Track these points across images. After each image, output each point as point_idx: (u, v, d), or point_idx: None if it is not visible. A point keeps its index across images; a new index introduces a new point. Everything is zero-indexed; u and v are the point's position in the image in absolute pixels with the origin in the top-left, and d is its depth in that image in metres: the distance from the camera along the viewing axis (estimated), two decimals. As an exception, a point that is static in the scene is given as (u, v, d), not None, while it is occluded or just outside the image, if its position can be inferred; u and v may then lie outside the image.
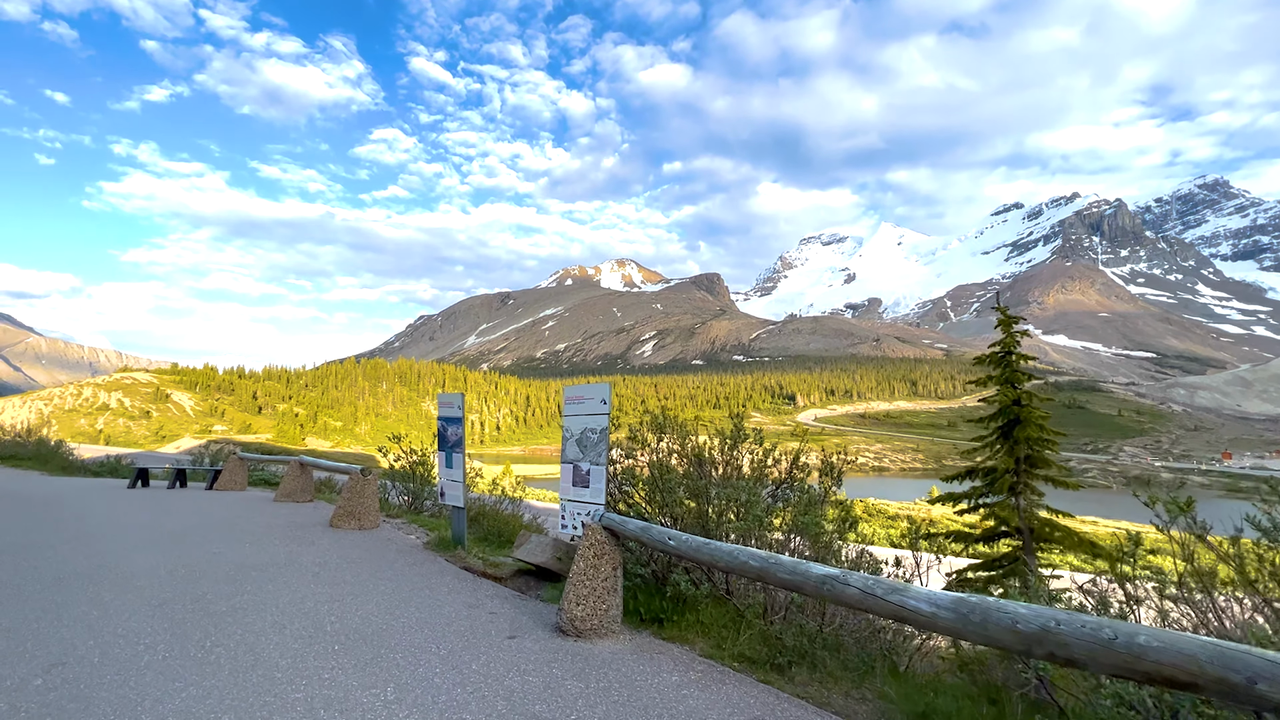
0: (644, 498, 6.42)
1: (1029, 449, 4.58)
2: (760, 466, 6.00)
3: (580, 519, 6.02)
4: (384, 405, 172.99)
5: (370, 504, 9.12)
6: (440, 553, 7.84)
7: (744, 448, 6.03)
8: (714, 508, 5.64)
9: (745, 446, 6.02)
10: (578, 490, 6.11)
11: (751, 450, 6.26)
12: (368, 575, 6.18)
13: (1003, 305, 6.42)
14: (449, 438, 8.29)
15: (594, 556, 4.59)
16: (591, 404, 6.09)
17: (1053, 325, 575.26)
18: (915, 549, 5.01)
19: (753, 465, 6.29)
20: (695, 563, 4.12)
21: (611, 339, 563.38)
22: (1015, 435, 4.56)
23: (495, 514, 11.43)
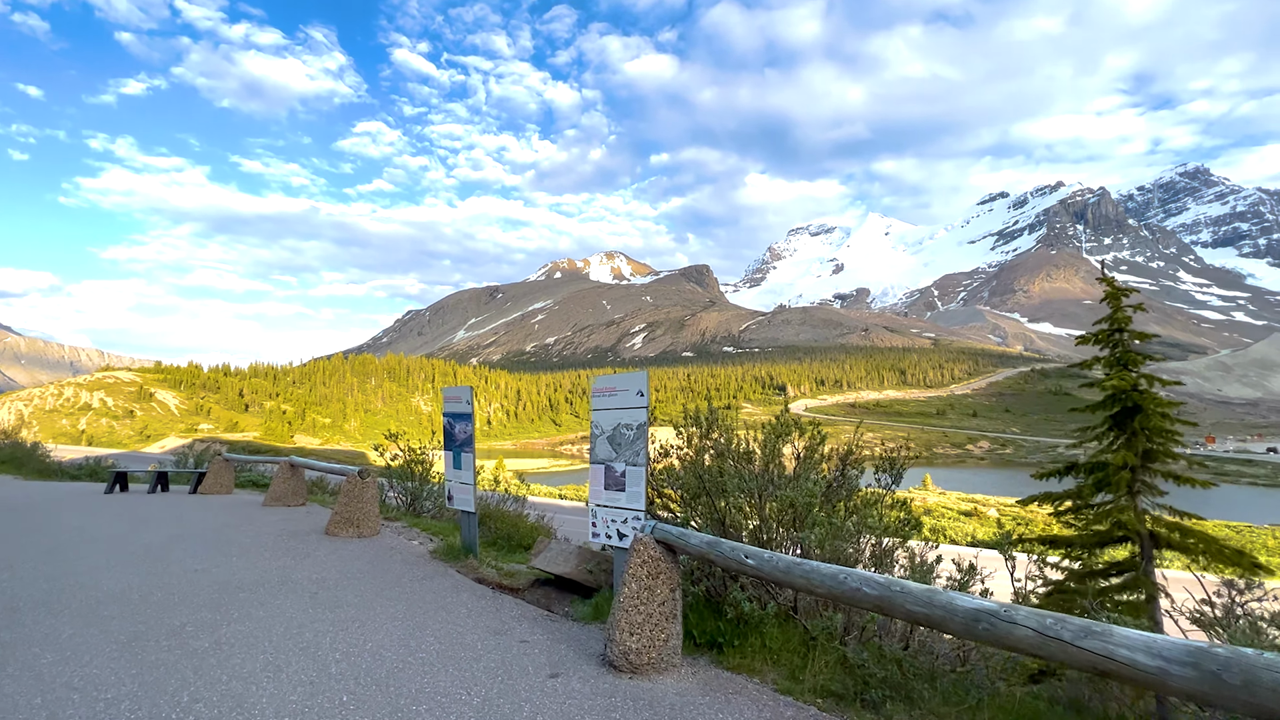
0: (680, 501, 5.72)
1: (1149, 442, 3.95)
2: (811, 461, 5.30)
3: (616, 527, 5.31)
4: (373, 401, 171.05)
5: (370, 509, 8.36)
6: (450, 562, 7.10)
7: (797, 440, 5.33)
8: (771, 513, 4.95)
9: (799, 440, 5.32)
10: (611, 494, 5.39)
11: (795, 443, 5.58)
12: (373, 594, 5.43)
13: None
14: (456, 435, 7.54)
15: (648, 577, 3.88)
16: (626, 395, 5.37)
17: (1038, 313, 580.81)
18: (1008, 555, 4.35)
19: (797, 460, 5.60)
20: (780, 586, 3.43)
21: (601, 332, 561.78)
22: (1134, 426, 3.91)
23: (501, 515, 10.70)
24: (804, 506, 4.75)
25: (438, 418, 48.38)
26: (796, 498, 4.68)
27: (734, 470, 4.91)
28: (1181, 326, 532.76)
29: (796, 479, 5.20)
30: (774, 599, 4.59)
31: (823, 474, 5.40)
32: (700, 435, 5.33)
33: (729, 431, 5.60)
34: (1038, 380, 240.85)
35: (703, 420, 5.41)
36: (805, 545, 4.37)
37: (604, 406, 5.58)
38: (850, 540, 4.63)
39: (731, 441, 5.13)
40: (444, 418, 7.69)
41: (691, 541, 3.79)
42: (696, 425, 5.45)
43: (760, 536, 4.91)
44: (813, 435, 5.26)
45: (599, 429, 5.61)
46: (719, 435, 5.21)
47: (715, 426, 5.33)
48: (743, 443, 5.35)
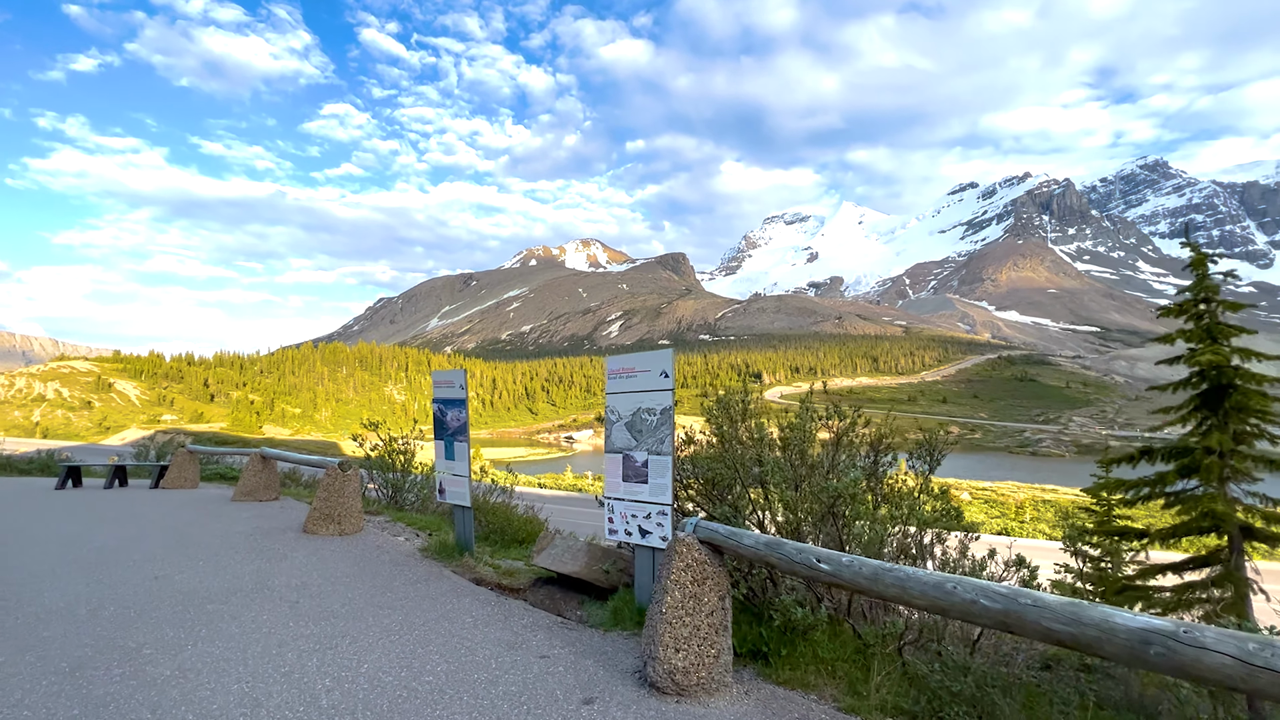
0: (700, 493, 5.21)
1: (1241, 423, 3.57)
2: (853, 446, 4.83)
3: (638, 524, 4.78)
4: (345, 391, 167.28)
5: (352, 504, 7.68)
6: (444, 562, 6.50)
7: (833, 425, 4.84)
8: (804, 505, 4.46)
9: (837, 425, 4.83)
10: (631, 487, 4.84)
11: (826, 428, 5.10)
12: (363, 602, 4.81)
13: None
14: (448, 423, 6.90)
15: (693, 583, 3.36)
16: (648, 377, 4.81)
17: (1005, 301, 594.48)
18: (1074, 549, 3.95)
19: (824, 447, 5.13)
20: (861, 595, 2.94)
21: (578, 320, 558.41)
22: (1226, 406, 3.52)
23: (491, 507, 10.10)
24: (848, 497, 4.27)
25: (412, 407, 48.00)
26: (842, 487, 4.19)
27: (772, 459, 4.39)
28: (1140, 314, 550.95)
29: (835, 467, 4.73)
30: (823, 601, 4.11)
31: (858, 461, 4.93)
32: (732, 421, 4.80)
33: (749, 415, 5.09)
34: (1004, 367, 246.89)
35: (734, 405, 4.88)
36: (845, 539, 3.88)
37: (621, 390, 5.02)
38: (893, 529, 4.17)
39: (764, 427, 4.61)
40: (434, 404, 7.03)
41: (745, 542, 3.26)
42: (725, 411, 4.91)
43: (798, 530, 4.42)
44: (850, 419, 4.77)
45: (615, 414, 5.05)
46: (752, 421, 4.68)
47: (748, 413, 4.81)
48: (771, 428, 4.85)
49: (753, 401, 5.21)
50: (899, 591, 2.62)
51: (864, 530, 3.93)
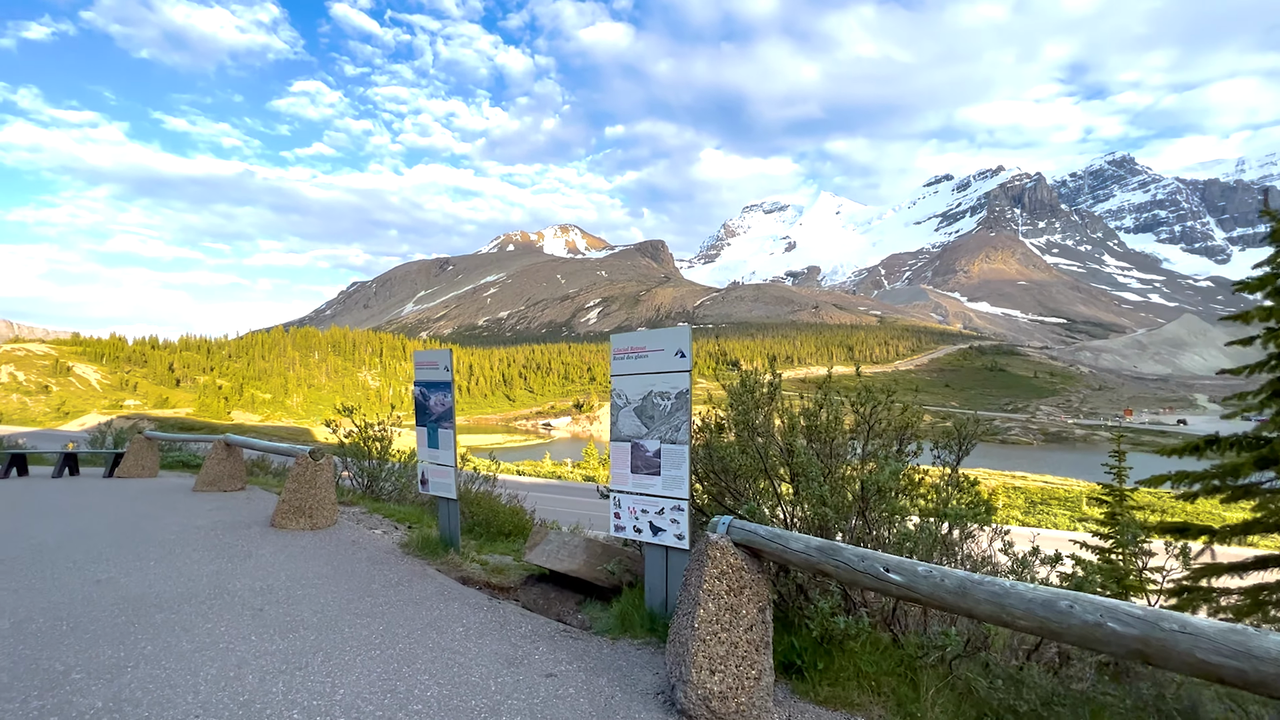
0: (725, 488, 4.74)
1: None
2: (886, 433, 4.40)
3: (649, 520, 4.29)
4: (317, 376, 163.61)
5: (324, 495, 7.06)
6: (427, 558, 5.96)
7: (865, 412, 4.40)
8: (835, 501, 4.02)
9: (867, 411, 4.39)
10: (641, 479, 4.35)
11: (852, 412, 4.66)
12: (338, 608, 4.26)
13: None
14: (432, 408, 6.32)
15: (729, 593, 2.89)
16: (661, 357, 4.31)
17: (977, 292, 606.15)
18: (1133, 549, 3.59)
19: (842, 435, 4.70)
20: (946, 611, 2.49)
21: (556, 306, 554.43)
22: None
23: (475, 497, 9.57)
24: (887, 490, 3.85)
25: (386, 392, 46.86)
26: (883, 480, 3.76)
27: (803, 449, 3.93)
28: (1104, 307, 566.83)
29: (865, 457, 4.30)
30: (861, 607, 3.69)
31: (889, 449, 4.51)
32: (756, 405, 4.32)
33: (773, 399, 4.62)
34: (975, 357, 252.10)
35: (758, 387, 4.40)
36: (882, 539, 3.45)
37: (629, 371, 4.52)
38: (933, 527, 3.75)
39: (794, 411, 4.15)
40: (416, 388, 6.44)
41: (794, 547, 2.80)
42: (748, 392, 4.44)
43: (824, 527, 3.98)
44: (881, 402, 4.33)
45: (622, 399, 4.55)
46: (782, 404, 4.22)
47: (777, 395, 4.34)
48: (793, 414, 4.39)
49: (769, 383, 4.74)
50: (994, 610, 2.18)
51: (907, 528, 3.51)
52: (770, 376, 4.40)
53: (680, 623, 2.99)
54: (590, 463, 58.67)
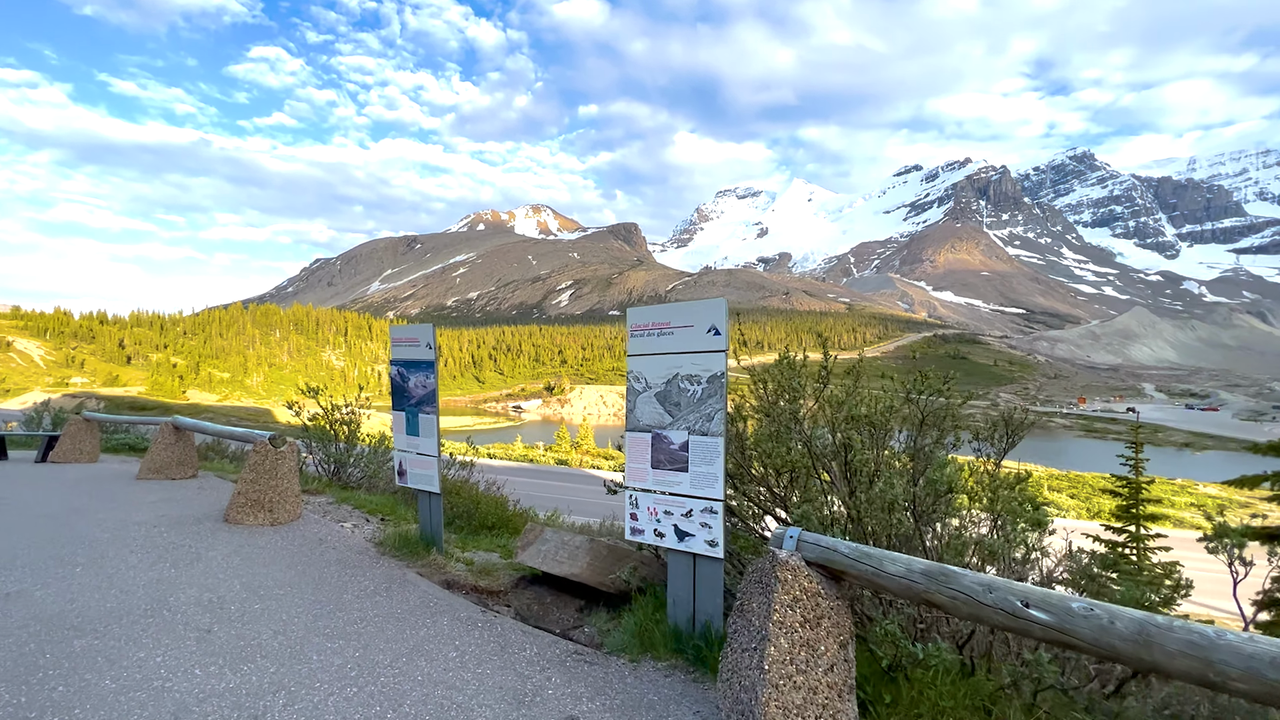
0: (740, 488, 4.18)
1: None
2: (943, 426, 3.89)
3: (673, 523, 3.71)
4: (278, 355, 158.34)
5: (287, 486, 6.29)
6: (406, 559, 5.28)
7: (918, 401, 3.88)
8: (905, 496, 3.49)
9: (921, 400, 3.87)
10: (664, 475, 3.76)
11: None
12: (304, 627, 3.57)
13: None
14: (411, 390, 5.60)
15: (804, 625, 2.33)
16: (689, 334, 3.70)
17: (942, 282, 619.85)
18: (1233, 553, 3.16)
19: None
20: (1121, 664, 1.96)
21: (527, 288, 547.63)
22: None
23: (454, 486, 8.89)
24: (944, 489, 3.33)
25: (351, 373, 45.20)
26: (951, 479, 3.24)
27: (862, 444, 3.38)
28: (1061, 298, 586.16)
29: (918, 452, 3.78)
30: (929, 629, 3.18)
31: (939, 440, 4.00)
32: (795, 392, 3.75)
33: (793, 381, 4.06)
34: (939, 345, 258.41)
35: (795, 373, 3.83)
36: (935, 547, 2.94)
37: (649, 350, 3.90)
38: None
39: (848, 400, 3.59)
40: (393, 368, 5.71)
41: (890, 570, 2.24)
42: (790, 375, 3.86)
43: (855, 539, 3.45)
44: (939, 388, 3.81)
45: (641, 382, 3.93)
46: (838, 390, 3.66)
47: (829, 379, 3.77)
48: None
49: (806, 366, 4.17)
50: (1194, 665, 1.65)
51: (962, 533, 2.99)
52: (823, 355, 3.82)
53: (739, 660, 2.41)
54: (563, 446, 58.09)
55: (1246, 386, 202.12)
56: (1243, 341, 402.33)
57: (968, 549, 3.37)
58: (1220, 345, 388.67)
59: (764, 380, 4.20)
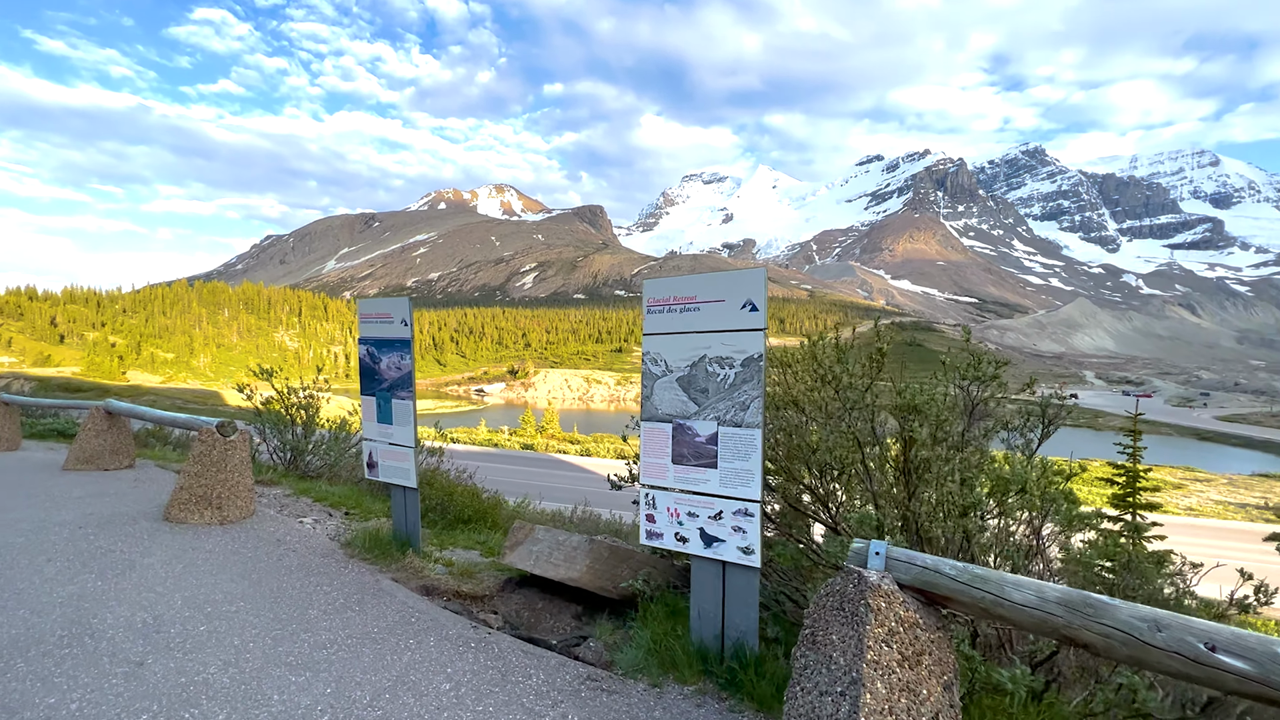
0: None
1: None
2: (984, 414, 3.52)
3: (698, 526, 3.24)
4: (227, 335, 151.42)
5: (238, 480, 5.58)
6: (378, 562, 4.69)
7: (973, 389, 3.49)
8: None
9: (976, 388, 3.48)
10: (688, 472, 3.28)
11: None
12: (262, 656, 2.98)
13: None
14: (384, 372, 4.97)
15: (903, 663, 1.89)
16: (719, 310, 3.21)
17: (900, 271, 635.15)
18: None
19: None
20: None
21: (490, 269, 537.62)
22: None
23: (428, 476, 8.26)
24: (1032, 489, 2.96)
25: (306, 354, 43.22)
26: (1025, 478, 2.86)
27: (927, 436, 2.96)
28: (1011, 289, 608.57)
29: (964, 445, 3.40)
30: (1003, 646, 2.80)
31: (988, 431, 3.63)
32: (837, 382, 3.30)
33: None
34: (896, 332, 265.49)
35: (844, 354, 3.38)
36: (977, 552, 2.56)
37: (670, 329, 3.40)
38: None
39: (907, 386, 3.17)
40: (362, 347, 5.05)
41: (1015, 597, 1.80)
42: (828, 357, 3.41)
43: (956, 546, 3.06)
44: (991, 371, 3.42)
45: (660, 364, 3.43)
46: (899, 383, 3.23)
47: (884, 360, 3.34)
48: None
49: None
50: None
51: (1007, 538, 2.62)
52: (877, 333, 3.37)
53: (817, 706, 1.96)
54: (528, 430, 57.24)
55: (1177, 374, 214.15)
56: (1174, 332, 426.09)
57: (989, 550, 3.01)
58: (1154, 335, 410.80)
59: (786, 364, 3.75)
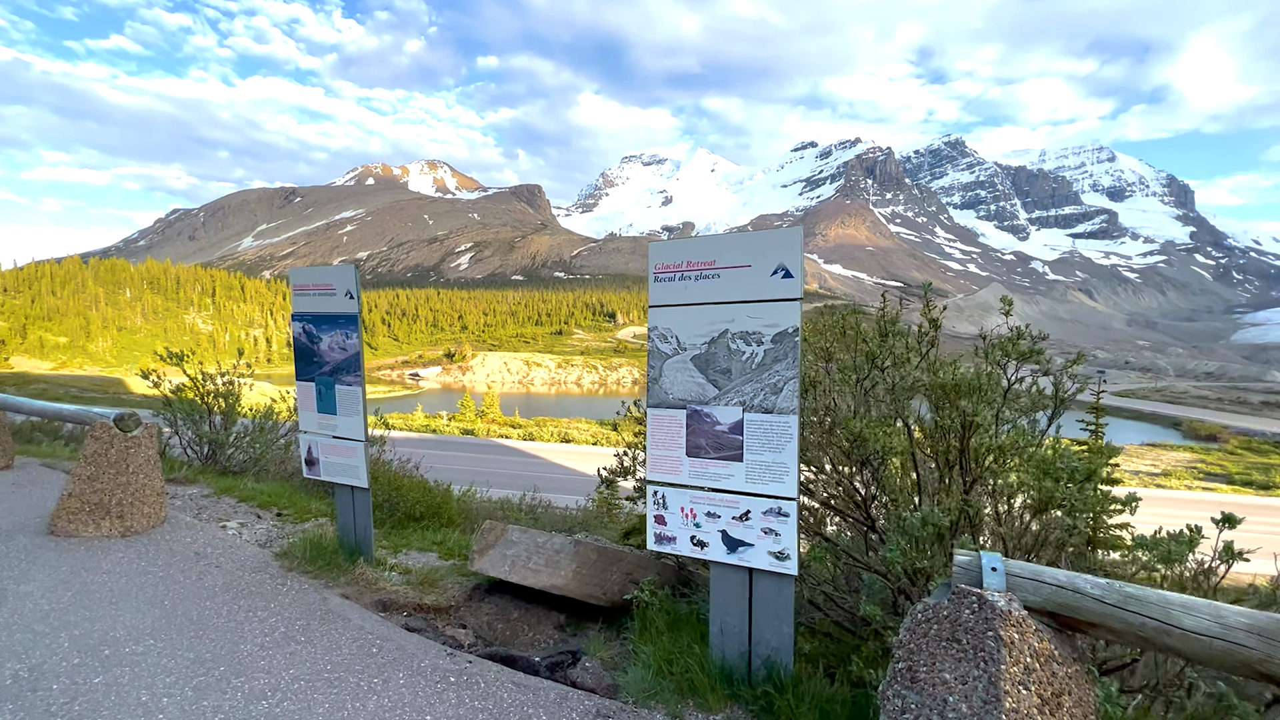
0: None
1: None
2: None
3: (719, 528, 2.79)
4: (129, 317, 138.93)
5: (144, 482, 4.70)
6: (323, 575, 4.02)
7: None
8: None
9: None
10: (705, 465, 2.82)
11: None
12: (181, 709, 2.32)
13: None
14: (324, 353, 4.23)
15: (1043, 708, 1.51)
16: (745, 276, 2.74)
17: (832, 256, 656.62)
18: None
19: None
20: None
21: (423, 249, 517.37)
22: None
23: (378, 471, 7.47)
24: (1081, 476, 2.67)
25: (222, 338, 40.18)
26: (1095, 467, 2.57)
27: (989, 420, 2.61)
28: (933, 274, 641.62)
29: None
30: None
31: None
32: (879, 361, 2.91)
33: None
34: (828, 315, 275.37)
35: (893, 326, 2.98)
36: None
37: (684, 299, 2.90)
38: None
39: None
40: (295, 325, 4.29)
41: (1187, 623, 1.46)
42: (869, 330, 3.01)
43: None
44: (1035, 348, 3.12)
45: (670, 342, 2.94)
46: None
47: (938, 334, 2.96)
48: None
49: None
50: None
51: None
52: (928, 304, 2.98)
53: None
54: (467, 415, 55.53)
55: (1075, 354, 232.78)
56: (1074, 315, 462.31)
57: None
58: (1057, 318, 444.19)
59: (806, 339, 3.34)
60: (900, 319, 2.95)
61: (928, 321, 2.74)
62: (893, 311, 2.94)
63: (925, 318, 2.77)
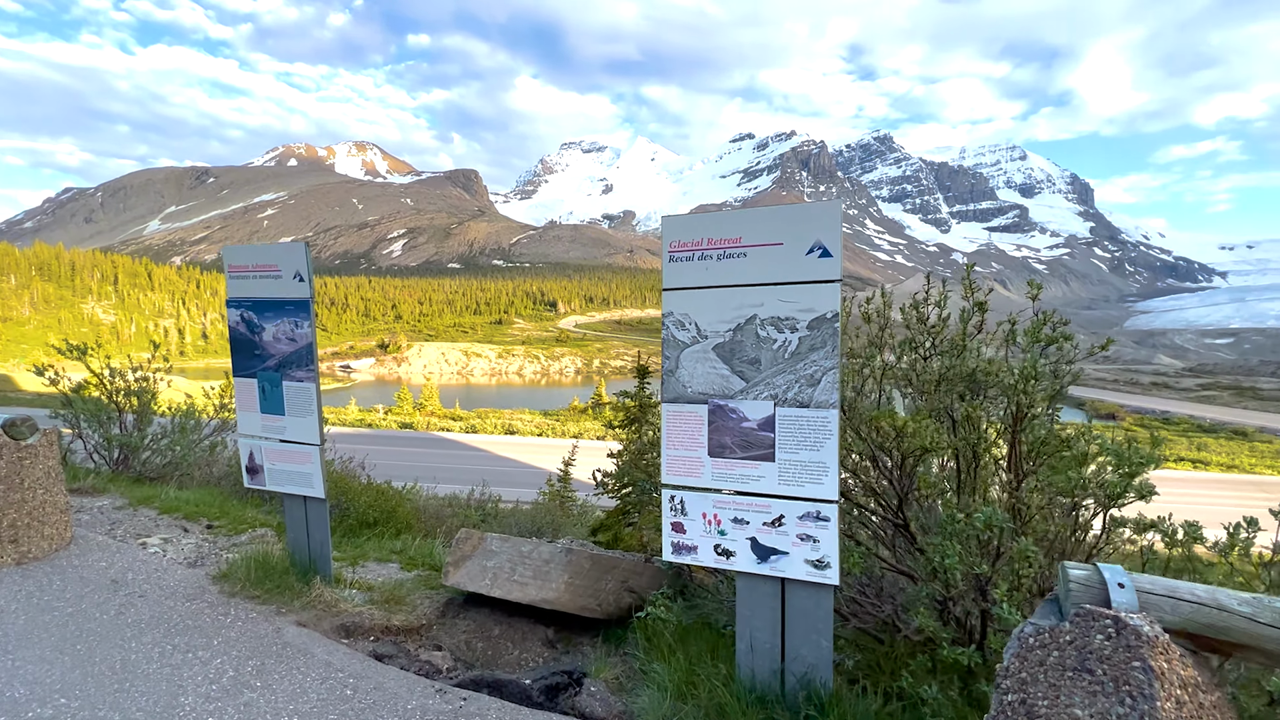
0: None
1: None
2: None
3: (747, 535, 2.51)
4: (15, 307, 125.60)
5: (44, 499, 3.98)
6: (273, 599, 3.50)
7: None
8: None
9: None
10: (732, 466, 2.53)
11: None
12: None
13: None
14: (268, 344, 3.66)
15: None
16: (776, 255, 2.45)
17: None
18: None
19: None
20: None
21: (352, 235, 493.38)
22: None
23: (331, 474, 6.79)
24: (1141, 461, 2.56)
25: (126, 329, 37.08)
26: (1154, 458, 2.45)
27: (1039, 413, 2.44)
28: (864, 264, 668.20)
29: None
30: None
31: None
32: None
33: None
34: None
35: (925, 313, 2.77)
36: None
37: (701, 282, 2.59)
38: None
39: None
40: (232, 312, 3.69)
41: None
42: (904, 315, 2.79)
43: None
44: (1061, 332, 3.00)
45: (688, 329, 2.62)
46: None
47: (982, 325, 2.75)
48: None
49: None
50: None
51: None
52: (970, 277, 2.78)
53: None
54: (405, 407, 53.40)
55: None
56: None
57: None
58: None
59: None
60: (946, 302, 2.72)
61: (974, 305, 2.52)
62: (937, 294, 2.71)
63: (971, 300, 2.56)
